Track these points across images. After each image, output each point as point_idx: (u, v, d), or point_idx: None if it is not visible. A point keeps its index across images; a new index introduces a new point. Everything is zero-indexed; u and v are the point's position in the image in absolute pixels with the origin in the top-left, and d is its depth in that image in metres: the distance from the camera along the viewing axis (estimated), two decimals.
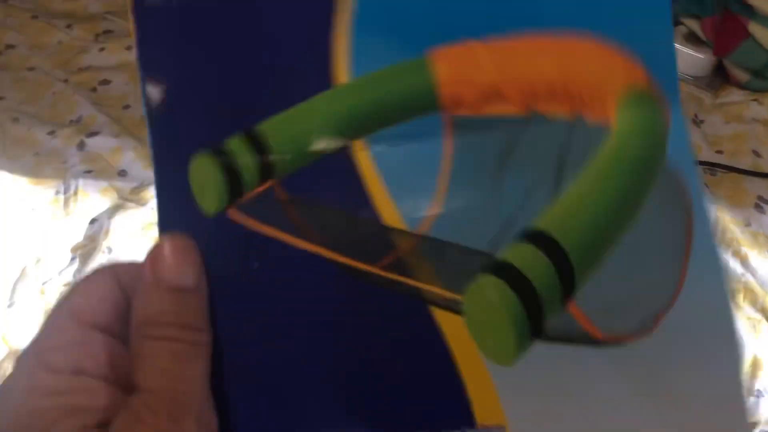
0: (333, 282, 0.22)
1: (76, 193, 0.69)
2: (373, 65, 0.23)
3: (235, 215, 0.23)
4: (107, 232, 0.66)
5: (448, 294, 0.22)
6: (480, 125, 0.23)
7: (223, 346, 0.23)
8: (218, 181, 0.23)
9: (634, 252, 0.22)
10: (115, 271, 0.23)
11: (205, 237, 0.23)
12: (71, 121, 0.78)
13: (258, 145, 0.23)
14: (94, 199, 0.69)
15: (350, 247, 0.22)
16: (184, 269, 0.22)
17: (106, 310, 0.22)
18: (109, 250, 0.66)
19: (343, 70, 0.23)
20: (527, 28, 0.22)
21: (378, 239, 0.23)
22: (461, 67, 0.23)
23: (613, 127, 0.22)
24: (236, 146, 0.23)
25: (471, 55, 0.23)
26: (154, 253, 0.22)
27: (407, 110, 0.23)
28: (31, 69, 0.89)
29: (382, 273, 0.22)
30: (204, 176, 0.23)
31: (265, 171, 0.23)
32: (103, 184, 0.70)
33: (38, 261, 0.65)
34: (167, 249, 0.22)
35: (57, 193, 0.71)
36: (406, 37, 0.23)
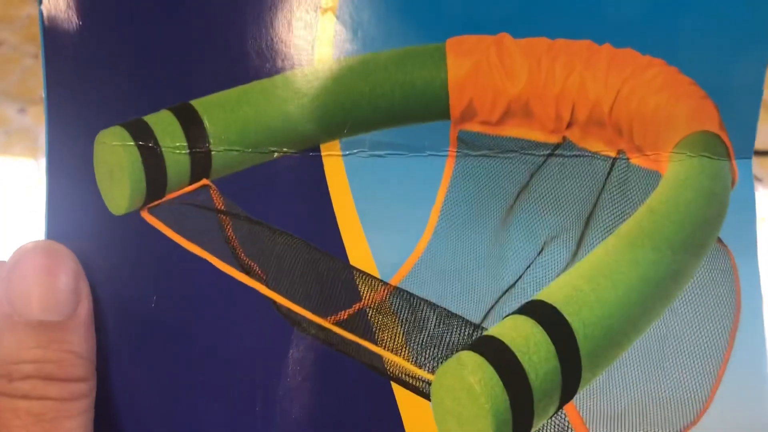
0: (267, 332, 0.22)
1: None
2: (372, 45, 0.22)
3: (150, 220, 0.22)
4: None
5: (415, 370, 0.21)
6: (492, 146, 0.22)
7: (114, 398, 0.22)
8: (133, 170, 0.21)
9: (660, 346, 0.21)
10: None
11: (100, 247, 0.22)
12: (42, 98, 0.86)
13: (191, 128, 0.21)
14: None
15: (300, 287, 0.22)
16: (54, 295, 0.20)
17: None
18: None
19: (325, 47, 0.22)
20: (579, 35, 0.22)
21: (338, 283, 0.22)
22: (481, 66, 0.22)
23: (664, 175, 0.21)
24: (161, 124, 0.21)
25: (496, 52, 0.22)
26: (11, 269, 0.20)
27: (403, 111, 0.22)
28: None
29: (337, 330, 0.21)
30: (114, 160, 0.21)
31: (198, 164, 0.22)
32: None
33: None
34: (29, 264, 0.20)
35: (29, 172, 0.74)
36: (420, 16, 0.22)
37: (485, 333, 0.19)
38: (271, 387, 0.22)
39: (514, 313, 0.19)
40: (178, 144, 0.21)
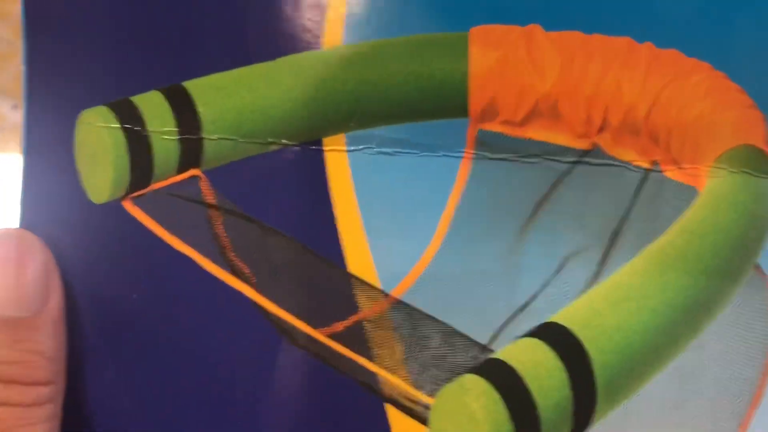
0: (253, 340, 0.21)
1: None
2: (385, 30, 0.21)
3: (133, 211, 0.22)
4: None
5: (413, 391, 0.21)
6: (514, 149, 0.22)
7: (88, 401, 0.22)
8: (117, 155, 0.21)
9: (682, 384, 0.21)
10: None
11: (77, 238, 0.22)
12: None
13: (183, 112, 0.21)
14: None
15: (292, 294, 0.21)
16: (20, 289, 0.20)
17: None
18: None
19: (336, 29, 0.22)
20: (618, 31, 0.21)
21: (334, 292, 0.22)
22: (507, 60, 0.21)
23: (701, 191, 0.21)
24: (150, 106, 0.21)
25: (524, 45, 0.21)
26: None
27: (418, 105, 0.22)
28: None
29: (329, 343, 0.21)
30: (96, 143, 0.21)
31: (189, 152, 0.21)
32: None
33: None
34: None
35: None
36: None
37: (492, 355, 0.19)
38: (255, 399, 0.21)
39: (525, 335, 0.19)
40: (167, 129, 0.21)
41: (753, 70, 0.21)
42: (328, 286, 0.21)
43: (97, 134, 0.21)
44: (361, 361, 0.21)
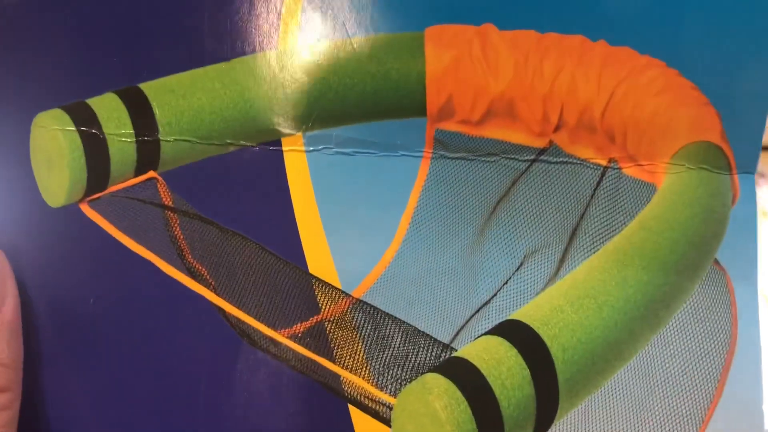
0: (213, 343, 0.21)
1: None
2: (343, 31, 0.21)
3: (90, 214, 0.21)
4: None
5: (375, 392, 0.20)
6: (472, 149, 0.22)
7: (46, 407, 0.22)
8: (73, 158, 0.21)
9: (645, 379, 0.21)
10: None
11: (33, 242, 0.22)
12: None
13: (139, 114, 0.21)
14: None
15: (252, 296, 0.21)
16: None
17: None
18: None
19: (291, 30, 0.22)
20: (571, 29, 0.21)
21: (295, 293, 0.21)
22: (462, 60, 0.21)
23: (658, 188, 0.21)
24: (106, 108, 0.21)
25: (479, 45, 0.21)
26: None
27: (375, 105, 0.22)
28: None
29: (290, 344, 0.21)
30: (52, 147, 0.21)
31: (145, 154, 0.21)
32: None
33: None
34: None
35: None
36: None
37: (454, 354, 0.19)
38: (215, 403, 0.21)
39: (487, 333, 0.19)
40: (123, 131, 0.21)
41: (704, 69, 0.21)
42: (288, 287, 0.21)
43: (53, 137, 0.21)
44: (323, 362, 0.20)
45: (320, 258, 0.21)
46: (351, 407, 0.21)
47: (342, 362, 0.21)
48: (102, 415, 0.22)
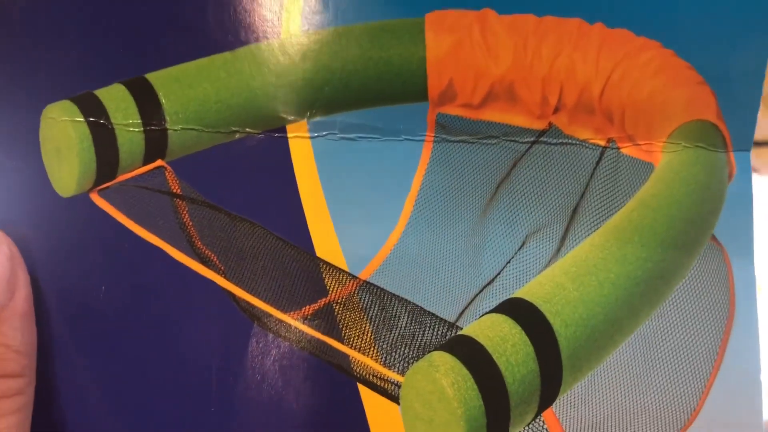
0: (224, 327, 0.22)
1: None
2: (344, 18, 0.22)
3: (100, 203, 0.22)
4: None
5: (383, 370, 0.21)
6: (473, 132, 0.22)
7: (58, 394, 0.22)
8: (83, 148, 0.21)
9: (646, 351, 0.21)
10: None
11: (44, 231, 0.22)
12: None
13: (146, 104, 0.21)
14: None
15: (261, 280, 0.21)
16: None
17: None
18: None
19: (294, 18, 0.22)
20: (569, 13, 0.22)
21: (303, 276, 0.22)
22: (462, 44, 0.22)
23: (656, 166, 0.21)
24: (114, 99, 0.21)
25: (479, 29, 0.22)
26: None
27: (377, 91, 0.22)
28: None
29: (300, 326, 0.21)
30: (61, 137, 0.21)
31: (153, 144, 0.22)
32: None
33: None
34: None
35: None
36: None
37: (460, 332, 0.19)
38: (228, 386, 0.21)
39: (491, 311, 0.19)
40: (131, 121, 0.21)
41: (699, 49, 0.21)
42: (296, 270, 0.22)
43: (62, 128, 0.21)
44: (332, 342, 0.21)
45: (327, 241, 0.22)
46: (360, 386, 0.21)
47: (351, 342, 0.21)
48: (114, 400, 0.22)
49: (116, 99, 0.21)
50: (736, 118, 0.21)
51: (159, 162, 0.22)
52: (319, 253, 0.22)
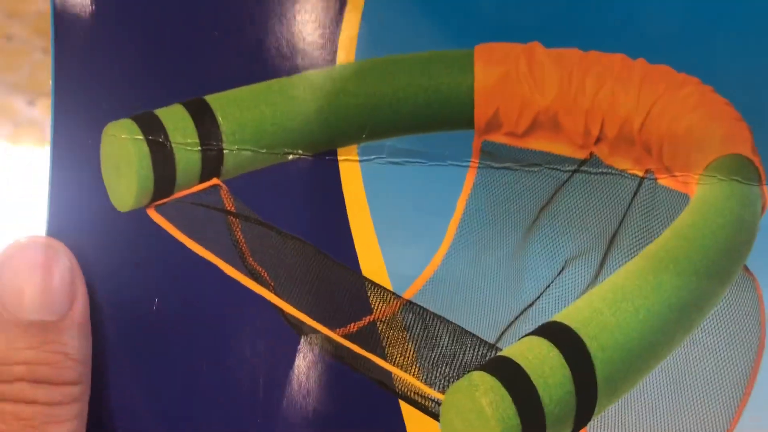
0: (272, 341, 0.22)
1: None
2: (392, 47, 0.22)
3: (156, 218, 0.22)
4: None
5: (424, 388, 0.21)
6: (517, 159, 0.22)
7: (110, 403, 0.22)
8: (141, 165, 0.21)
9: (678, 376, 0.22)
10: None
11: (102, 244, 0.22)
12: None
13: (204, 124, 0.22)
14: None
15: (309, 296, 0.22)
16: (47, 293, 0.21)
17: None
18: None
19: (348, 47, 0.22)
20: (612, 48, 0.22)
21: (349, 294, 0.22)
22: (509, 75, 0.22)
23: (692, 198, 0.22)
24: (173, 119, 0.22)
25: (526, 61, 0.22)
26: (2, 266, 0.21)
27: (426, 117, 0.23)
28: (9, 38, 0.95)
29: (345, 342, 0.21)
30: (121, 154, 0.21)
31: (209, 163, 0.22)
32: None
33: None
34: (22, 260, 0.21)
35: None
36: (449, 20, 0.22)
37: (499, 353, 0.20)
38: (274, 399, 0.22)
39: (530, 333, 0.20)
40: (189, 140, 0.22)
41: (736, 85, 0.22)
42: (343, 288, 0.22)
43: (122, 146, 0.21)
44: (375, 359, 0.21)
45: (373, 262, 0.22)
46: (402, 403, 0.22)
47: (393, 360, 0.21)
48: (164, 411, 0.22)
49: (175, 119, 0.21)
50: None
51: (215, 180, 0.22)
52: (364, 273, 0.22)
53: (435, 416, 0.21)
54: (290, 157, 0.22)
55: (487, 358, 0.20)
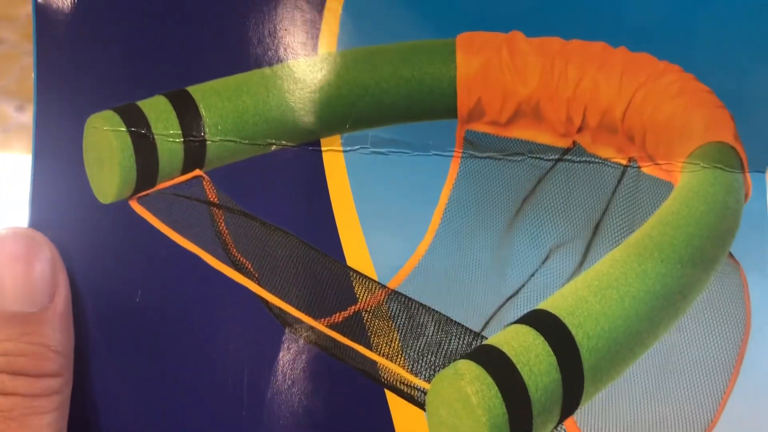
0: (257, 332, 0.22)
1: None
2: (374, 37, 0.22)
3: (139, 210, 0.22)
4: None
5: (410, 377, 0.21)
6: (500, 148, 0.23)
7: (93, 395, 0.22)
8: (124, 157, 0.21)
9: (665, 363, 0.22)
10: None
11: (84, 236, 0.22)
12: None
13: (187, 116, 0.22)
14: None
15: (293, 287, 0.22)
16: (27, 285, 0.21)
17: None
18: None
19: (330, 37, 0.22)
20: (594, 36, 0.22)
21: (333, 284, 0.22)
22: (491, 65, 0.22)
23: (676, 185, 0.22)
24: (155, 110, 0.22)
25: (507, 51, 0.22)
26: None
27: (409, 107, 0.23)
28: None
29: (330, 332, 0.21)
30: (104, 146, 0.22)
31: (192, 154, 0.22)
32: None
33: None
34: (2, 252, 0.21)
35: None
36: (430, 10, 0.22)
37: (485, 342, 0.20)
38: (259, 390, 0.22)
39: (515, 322, 0.20)
40: (171, 132, 0.22)
41: (718, 73, 0.22)
42: (328, 279, 0.22)
43: (105, 137, 0.21)
44: (361, 349, 0.21)
45: (357, 251, 0.22)
46: (388, 392, 0.22)
47: (378, 349, 0.21)
48: (147, 403, 0.22)
49: (158, 110, 0.21)
50: (752, 141, 0.22)
51: (197, 172, 0.22)
52: (349, 263, 0.22)
53: (421, 405, 0.21)
54: (273, 147, 0.22)
55: (472, 346, 0.20)
